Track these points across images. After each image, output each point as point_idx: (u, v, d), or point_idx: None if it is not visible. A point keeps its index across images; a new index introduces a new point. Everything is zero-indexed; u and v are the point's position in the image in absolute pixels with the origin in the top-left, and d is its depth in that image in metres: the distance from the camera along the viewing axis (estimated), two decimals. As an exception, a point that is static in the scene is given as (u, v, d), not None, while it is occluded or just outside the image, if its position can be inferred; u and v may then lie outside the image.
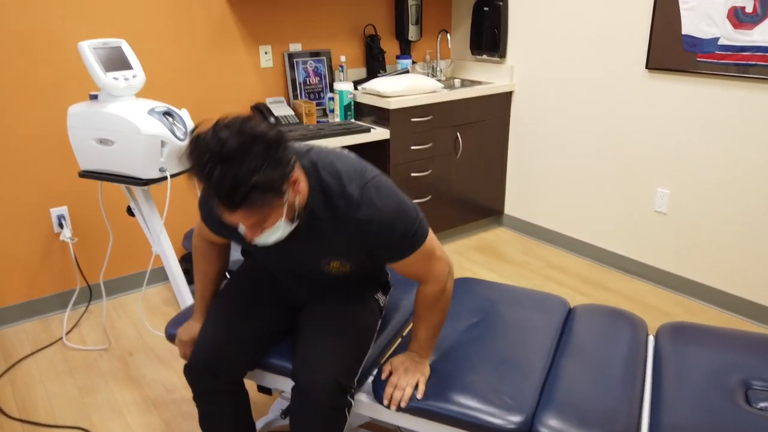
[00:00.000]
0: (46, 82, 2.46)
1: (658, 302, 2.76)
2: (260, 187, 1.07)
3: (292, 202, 1.19)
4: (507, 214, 3.63)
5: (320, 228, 1.29)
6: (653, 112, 2.74)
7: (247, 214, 1.12)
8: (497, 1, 3.28)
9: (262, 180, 1.06)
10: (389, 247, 1.31)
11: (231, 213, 1.11)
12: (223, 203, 1.09)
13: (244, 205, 1.08)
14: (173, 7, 2.67)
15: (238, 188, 1.06)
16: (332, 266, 1.38)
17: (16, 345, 2.46)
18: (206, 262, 1.58)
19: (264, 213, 1.13)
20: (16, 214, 2.51)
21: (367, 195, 1.26)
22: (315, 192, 1.27)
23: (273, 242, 1.23)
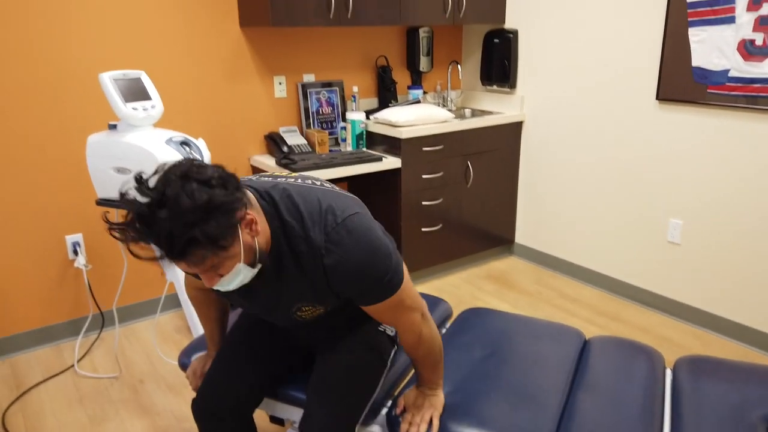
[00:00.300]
0: (66, 112, 2.51)
1: (673, 334, 2.73)
2: (198, 241, 0.99)
3: (250, 244, 1.11)
4: (518, 243, 3.62)
5: (285, 272, 1.23)
6: (664, 142, 2.75)
7: (191, 265, 1.04)
8: (507, 33, 3.34)
9: (200, 234, 0.99)
10: (358, 293, 1.24)
11: (177, 261, 1.04)
12: (169, 253, 1.01)
13: (185, 258, 1.02)
14: (191, 39, 2.73)
15: (174, 241, 0.99)
16: (304, 312, 1.32)
17: (27, 372, 2.46)
18: (205, 306, 1.56)
19: (215, 260, 1.06)
20: (32, 241, 2.54)
21: (334, 238, 1.17)
22: (277, 234, 1.19)
23: (235, 287, 1.16)
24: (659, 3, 2.64)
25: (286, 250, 1.20)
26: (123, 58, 2.59)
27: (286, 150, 2.87)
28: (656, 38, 2.68)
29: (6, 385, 2.37)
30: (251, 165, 3.04)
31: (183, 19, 2.69)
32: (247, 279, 1.16)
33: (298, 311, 1.32)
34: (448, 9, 3.13)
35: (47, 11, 2.38)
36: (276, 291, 1.28)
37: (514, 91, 3.43)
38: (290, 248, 1.20)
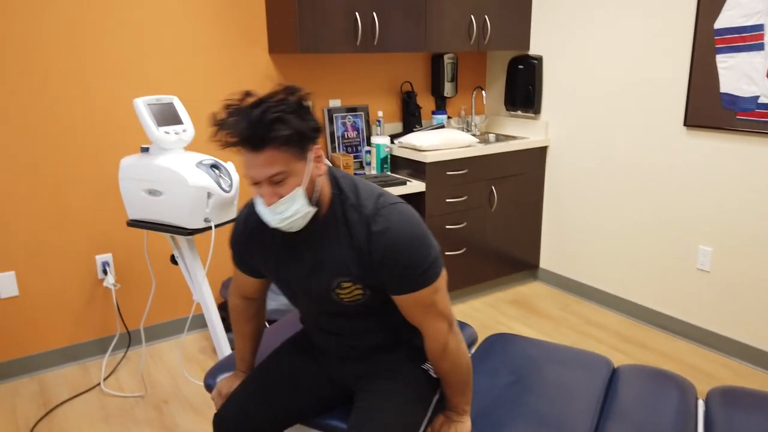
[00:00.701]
0: (99, 135, 2.59)
1: (702, 364, 2.66)
2: (285, 125, 1.12)
3: (313, 177, 1.22)
4: (542, 268, 3.59)
5: (333, 238, 1.29)
6: (692, 168, 2.72)
7: (270, 159, 1.15)
8: (532, 59, 3.36)
9: (290, 118, 1.12)
10: (395, 271, 1.26)
11: (256, 155, 1.15)
12: (249, 141, 1.13)
13: (268, 142, 1.13)
14: (222, 66, 2.81)
15: (265, 116, 1.11)
16: (344, 290, 1.32)
17: (55, 390, 2.50)
18: (243, 321, 1.57)
19: (285, 167, 1.16)
20: (63, 260, 2.60)
21: (384, 213, 1.26)
22: (334, 200, 1.29)
23: (288, 218, 1.21)
24: (686, 30, 2.64)
25: (340, 217, 1.28)
26: (157, 84, 2.67)
27: (311, 173, 2.91)
28: (683, 64, 2.68)
29: (34, 402, 2.40)
30: (277, 188, 3.08)
31: (215, 46, 2.77)
32: (300, 213, 1.22)
33: (338, 288, 1.32)
34: (473, 36, 3.17)
35: (86, 39, 2.48)
36: (320, 258, 1.31)
37: (538, 116, 3.43)
38: (343, 215, 1.28)
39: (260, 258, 1.42)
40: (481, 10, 3.17)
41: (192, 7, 2.68)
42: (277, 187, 1.19)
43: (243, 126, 1.13)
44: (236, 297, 1.57)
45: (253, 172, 1.18)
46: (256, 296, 1.56)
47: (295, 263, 1.35)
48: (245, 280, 1.52)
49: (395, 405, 1.36)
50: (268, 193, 1.19)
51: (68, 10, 2.42)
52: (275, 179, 1.18)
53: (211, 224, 2.02)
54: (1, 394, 2.47)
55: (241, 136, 1.14)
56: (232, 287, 1.57)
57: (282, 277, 1.40)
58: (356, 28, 2.79)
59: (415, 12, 2.96)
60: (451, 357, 1.34)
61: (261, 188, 1.20)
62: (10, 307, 2.52)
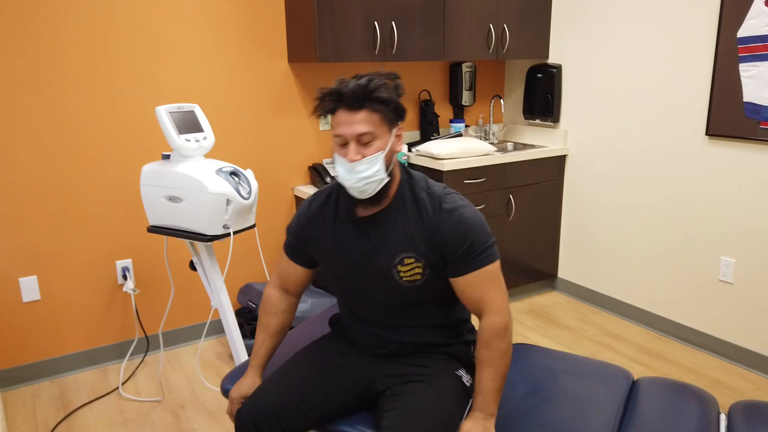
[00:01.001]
0: (121, 142, 2.63)
1: (724, 377, 2.61)
2: (386, 91, 1.31)
3: (393, 150, 1.37)
4: (560, 277, 3.56)
5: (401, 214, 1.40)
6: (714, 178, 2.68)
7: (364, 119, 1.31)
8: (551, 68, 3.35)
9: (390, 91, 1.32)
10: (459, 249, 1.36)
11: (353, 114, 1.31)
12: (351, 98, 1.30)
13: (368, 102, 1.30)
14: (242, 75, 2.84)
15: (371, 83, 1.30)
16: (406, 267, 1.40)
17: (74, 393, 2.53)
18: (273, 313, 1.59)
19: (375, 129, 1.32)
20: (84, 265, 2.64)
21: (452, 197, 1.41)
22: (404, 183, 1.43)
23: (366, 180, 1.33)
24: (708, 38, 2.62)
25: (409, 197, 1.42)
26: (178, 93, 2.71)
27: (329, 181, 2.92)
28: (705, 73, 2.65)
29: (54, 405, 2.43)
30: (294, 195, 3.10)
31: (235, 56, 2.81)
32: (377, 177, 1.34)
33: (400, 264, 1.40)
34: (491, 45, 3.17)
35: (110, 49, 2.52)
36: (387, 234, 1.41)
37: (557, 125, 3.42)
38: (412, 195, 1.42)
39: (318, 241, 1.49)
40: (500, 18, 3.17)
41: (214, 17, 2.72)
42: (363, 147, 1.33)
43: (350, 87, 1.31)
44: (274, 287, 1.61)
45: (346, 130, 1.32)
46: (295, 290, 1.61)
47: (360, 242, 1.43)
48: (291, 269, 1.58)
49: (431, 410, 1.36)
50: (353, 150, 1.32)
51: (94, 20, 2.47)
52: (363, 139, 1.32)
53: (229, 231, 2.04)
54: (22, 397, 2.50)
55: (345, 95, 1.31)
56: (273, 277, 1.62)
57: (340, 258, 1.46)
58: (375, 37, 2.81)
59: (434, 21, 2.97)
60: (509, 336, 1.39)
61: (347, 148, 1.33)
62: (32, 310, 2.57)
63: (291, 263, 1.59)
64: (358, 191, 1.36)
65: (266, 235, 3.07)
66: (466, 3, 3.04)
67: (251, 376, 1.58)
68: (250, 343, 2.71)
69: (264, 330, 1.60)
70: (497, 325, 1.37)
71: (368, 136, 1.32)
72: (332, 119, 1.36)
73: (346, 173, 1.34)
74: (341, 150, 1.35)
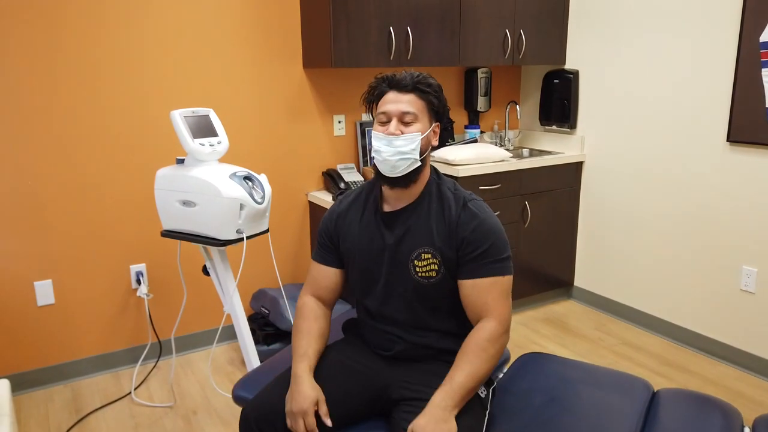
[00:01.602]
0: (136, 147, 2.64)
1: (747, 389, 2.54)
2: (433, 85, 1.43)
3: (427, 140, 1.45)
4: (577, 286, 3.50)
5: (425, 210, 1.45)
6: (736, 185, 2.62)
7: (411, 101, 1.41)
8: (567, 73, 3.31)
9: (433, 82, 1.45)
10: (475, 251, 1.40)
11: (401, 95, 1.41)
12: (403, 83, 1.41)
13: (416, 89, 1.41)
14: (257, 80, 2.84)
15: (420, 76, 1.43)
16: (423, 262, 1.43)
17: (87, 397, 2.53)
18: (312, 318, 1.53)
19: (419, 113, 1.41)
20: (98, 270, 2.65)
21: (478, 202, 1.47)
22: (431, 182, 1.49)
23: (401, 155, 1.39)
24: (729, 43, 2.57)
25: (435, 194, 1.47)
26: (193, 97, 2.72)
27: (343, 186, 2.91)
28: (726, 78, 2.60)
29: (66, 410, 2.43)
30: (308, 200, 3.09)
31: (250, 61, 2.81)
32: (411, 156, 1.40)
33: (417, 259, 1.44)
34: (507, 50, 3.15)
35: (127, 54, 2.54)
36: (409, 226, 1.45)
37: (574, 131, 3.38)
38: (438, 193, 1.47)
39: (347, 234, 1.52)
40: (516, 24, 3.14)
41: (230, 23, 2.73)
42: (404, 126, 1.41)
43: (402, 75, 1.43)
44: (308, 296, 1.59)
45: (392, 107, 1.41)
46: (328, 297, 1.59)
47: (384, 235, 1.48)
48: (323, 274, 1.58)
49: None
50: (395, 125, 1.41)
51: (114, 27, 2.49)
52: (406, 119, 1.41)
53: (243, 235, 2.03)
54: (36, 400, 2.51)
55: (398, 79, 1.42)
56: (304, 287, 1.62)
57: (363, 251, 1.49)
58: (390, 43, 2.80)
59: (450, 26, 2.95)
60: (501, 346, 1.40)
61: (389, 125, 1.42)
62: (46, 314, 2.58)
63: (321, 267, 1.59)
64: (390, 166, 1.41)
65: (279, 241, 3.06)
66: (482, 8, 3.02)
67: (309, 379, 1.40)
68: (263, 350, 2.69)
69: (307, 334, 1.50)
70: (494, 331, 1.39)
71: (411, 116, 1.41)
72: (379, 103, 1.45)
73: (383, 146, 1.41)
74: (381, 127, 1.43)
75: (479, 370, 1.36)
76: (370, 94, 1.48)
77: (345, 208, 1.57)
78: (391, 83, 1.44)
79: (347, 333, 1.67)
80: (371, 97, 1.47)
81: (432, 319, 1.48)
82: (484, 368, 1.37)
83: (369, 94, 1.48)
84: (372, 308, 1.54)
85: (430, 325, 1.49)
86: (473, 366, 1.36)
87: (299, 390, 1.37)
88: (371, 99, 1.48)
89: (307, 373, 1.41)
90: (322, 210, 2.95)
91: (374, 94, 1.46)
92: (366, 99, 1.49)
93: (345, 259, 1.57)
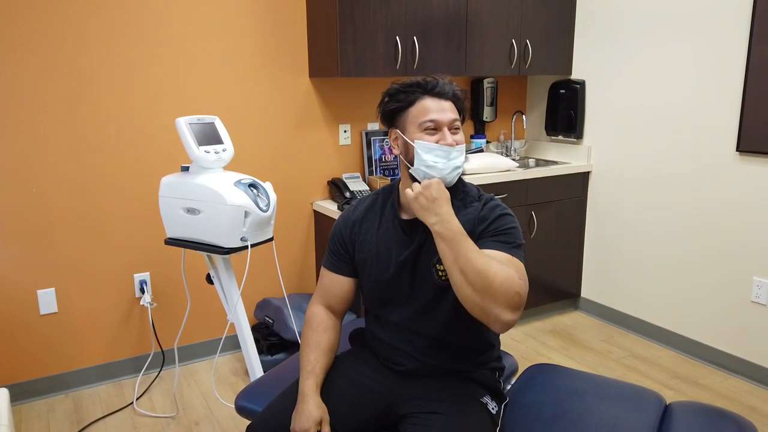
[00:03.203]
0: (141, 155, 2.63)
1: (760, 404, 2.49)
2: (464, 92, 1.42)
3: None
4: (584, 297, 3.46)
5: None
6: (746, 195, 2.59)
7: (452, 108, 1.38)
8: (574, 83, 3.30)
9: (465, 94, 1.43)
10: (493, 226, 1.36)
11: (443, 102, 1.36)
12: (444, 90, 1.37)
13: (452, 94, 1.38)
14: (264, 89, 2.84)
15: (453, 83, 1.41)
16: None
17: (89, 407, 2.50)
18: (321, 330, 1.49)
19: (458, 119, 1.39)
20: (102, 278, 2.63)
21: (499, 202, 1.45)
22: (457, 190, 1.44)
23: (456, 169, 1.37)
24: (738, 52, 2.55)
25: (458, 197, 1.43)
26: (200, 105, 2.71)
27: (348, 196, 2.89)
28: (736, 88, 2.58)
29: (68, 420, 2.41)
30: (313, 209, 3.07)
31: (257, 69, 2.81)
32: (461, 168, 1.39)
33: (439, 262, 1.38)
34: (514, 60, 3.14)
35: (131, 61, 2.54)
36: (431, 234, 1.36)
37: (580, 141, 3.35)
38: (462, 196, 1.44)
39: (363, 243, 1.47)
40: (522, 34, 3.14)
41: (236, 32, 2.73)
42: (454, 135, 1.37)
43: (437, 80, 1.38)
44: (318, 305, 1.54)
45: (441, 115, 1.36)
46: (338, 307, 1.54)
47: (405, 244, 1.43)
48: (334, 283, 1.53)
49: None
50: (450, 136, 1.36)
51: (119, 35, 2.49)
52: (455, 125, 1.38)
53: (247, 243, 2.01)
54: (37, 410, 2.48)
55: (435, 86, 1.37)
56: (315, 296, 1.57)
57: (382, 260, 1.44)
58: (396, 53, 2.79)
59: (456, 37, 2.95)
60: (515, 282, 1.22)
61: (442, 133, 1.36)
62: (49, 323, 2.56)
63: (333, 276, 1.53)
64: (449, 178, 1.37)
65: (284, 250, 3.04)
66: (489, 18, 3.02)
67: (314, 398, 1.36)
68: (266, 360, 2.66)
69: (315, 348, 1.45)
70: (511, 274, 1.22)
71: (458, 123, 1.39)
72: (411, 110, 1.37)
73: (442, 160, 1.35)
74: (431, 137, 1.36)
75: (487, 263, 1.22)
76: (395, 101, 1.38)
77: (361, 215, 1.51)
78: (428, 89, 1.37)
79: (354, 344, 1.64)
80: (398, 104, 1.38)
81: (447, 330, 1.42)
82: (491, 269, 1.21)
83: (393, 101, 1.38)
84: (384, 319, 1.49)
85: (444, 338, 1.43)
86: (486, 258, 1.23)
87: (304, 409, 1.34)
88: (399, 106, 1.38)
89: (313, 391, 1.37)
90: (328, 219, 2.93)
91: (404, 100, 1.37)
92: (390, 106, 1.39)
93: (360, 269, 1.51)
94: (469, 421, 1.34)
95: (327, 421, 1.35)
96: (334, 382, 1.46)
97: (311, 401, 1.35)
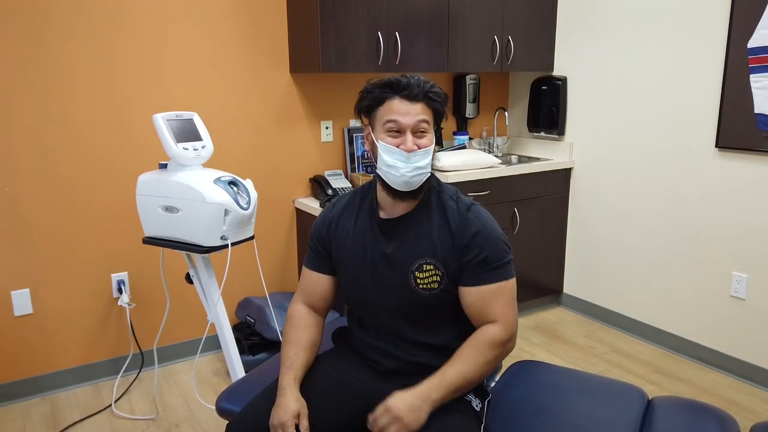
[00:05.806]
0: (116, 152, 2.58)
1: (739, 397, 2.52)
2: (440, 94, 1.37)
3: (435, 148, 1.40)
4: (566, 293, 3.48)
5: (426, 220, 1.40)
6: (725, 191, 2.62)
7: (422, 110, 1.33)
8: (556, 80, 3.30)
9: (444, 94, 1.38)
10: (479, 257, 1.34)
11: (412, 104, 1.33)
12: (414, 93, 1.33)
13: (425, 97, 1.34)
14: (243, 84, 2.80)
15: (428, 84, 1.36)
16: (424, 273, 1.37)
17: (66, 410, 2.45)
18: (302, 327, 1.48)
19: (428, 123, 1.35)
20: (78, 278, 2.57)
21: (479, 208, 1.42)
22: (432, 189, 1.42)
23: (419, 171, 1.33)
24: (717, 49, 2.57)
25: (435, 203, 1.41)
26: (179, 102, 2.66)
27: (330, 193, 2.86)
28: (714, 84, 2.60)
29: (44, 423, 2.35)
30: (295, 207, 3.04)
31: (237, 65, 2.77)
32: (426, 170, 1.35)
33: (418, 270, 1.37)
34: (496, 57, 3.13)
35: (109, 57, 2.48)
36: (410, 238, 1.39)
37: (562, 137, 3.36)
38: (439, 202, 1.41)
39: (340, 241, 1.46)
40: (504, 30, 3.13)
41: (216, 27, 2.69)
42: (418, 138, 1.34)
43: (409, 81, 1.34)
44: (299, 303, 1.53)
45: (406, 119, 1.33)
46: (320, 305, 1.53)
47: (380, 245, 1.41)
48: (314, 281, 1.52)
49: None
50: (411, 140, 1.33)
51: (96, 29, 2.43)
52: (420, 128, 1.34)
53: (227, 242, 1.97)
54: (12, 414, 2.42)
55: (405, 86, 1.33)
56: (296, 295, 1.56)
57: (358, 260, 1.42)
58: (378, 48, 2.77)
59: (438, 32, 2.93)
60: (502, 353, 1.36)
61: (402, 137, 1.33)
62: (24, 325, 2.49)
63: (313, 274, 1.52)
64: (405, 182, 1.34)
65: (266, 248, 3.00)
66: (471, 15, 3.01)
67: (293, 392, 1.35)
68: (248, 360, 2.63)
69: (295, 344, 1.44)
70: (498, 337, 1.35)
71: (424, 125, 1.34)
72: (380, 109, 1.36)
73: (401, 162, 1.33)
74: (392, 139, 1.34)
75: (473, 371, 1.32)
76: (368, 99, 1.37)
77: (338, 213, 1.50)
78: (397, 90, 1.33)
79: (337, 343, 1.62)
80: (370, 102, 1.36)
81: (428, 331, 1.42)
82: (479, 372, 1.33)
83: (366, 99, 1.37)
84: (366, 322, 1.49)
85: (425, 340, 1.42)
86: (467, 366, 1.32)
87: (282, 402, 1.33)
88: (370, 104, 1.37)
89: (291, 386, 1.36)
90: (310, 216, 2.90)
91: (375, 99, 1.36)
92: (363, 104, 1.38)
93: (337, 266, 1.50)
94: (454, 418, 1.33)
95: (305, 415, 1.33)
96: (315, 379, 1.44)
97: (289, 395, 1.34)
